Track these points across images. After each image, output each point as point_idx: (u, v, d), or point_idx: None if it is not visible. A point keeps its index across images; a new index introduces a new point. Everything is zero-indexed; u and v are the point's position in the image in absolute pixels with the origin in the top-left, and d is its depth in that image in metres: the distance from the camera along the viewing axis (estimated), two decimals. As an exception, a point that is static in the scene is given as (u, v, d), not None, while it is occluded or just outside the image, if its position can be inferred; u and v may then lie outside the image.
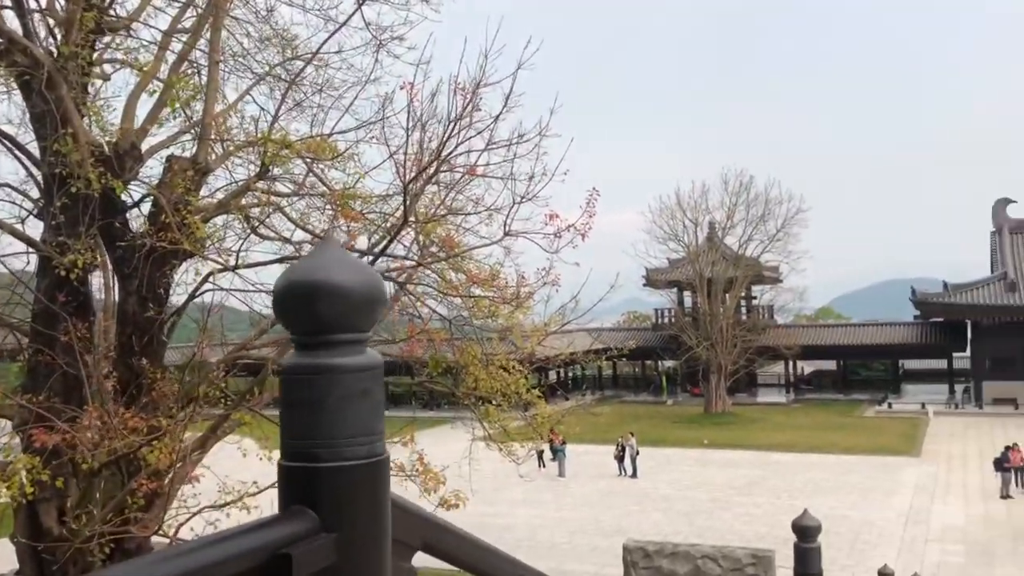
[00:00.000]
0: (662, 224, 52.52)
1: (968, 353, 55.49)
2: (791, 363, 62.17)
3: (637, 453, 33.11)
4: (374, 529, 1.52)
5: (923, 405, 50.94)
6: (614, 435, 35.69)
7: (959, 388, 56.24)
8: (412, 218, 12.58)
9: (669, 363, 64.22)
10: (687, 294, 57.55)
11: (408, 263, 12.62)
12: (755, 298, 59.72)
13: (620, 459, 33.09)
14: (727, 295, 51.47)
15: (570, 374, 64.55)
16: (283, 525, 1.41)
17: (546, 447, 34.50)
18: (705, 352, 50.00)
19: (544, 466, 34.36)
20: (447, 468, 12.07)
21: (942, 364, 59.38)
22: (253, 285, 11.35)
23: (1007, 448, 29.19)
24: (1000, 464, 28.25)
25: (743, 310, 57.91)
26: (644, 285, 57.90)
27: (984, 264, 58.82)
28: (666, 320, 60.60)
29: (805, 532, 6.78)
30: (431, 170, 11.75)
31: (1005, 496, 27.40)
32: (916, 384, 63.87)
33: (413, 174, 11.36)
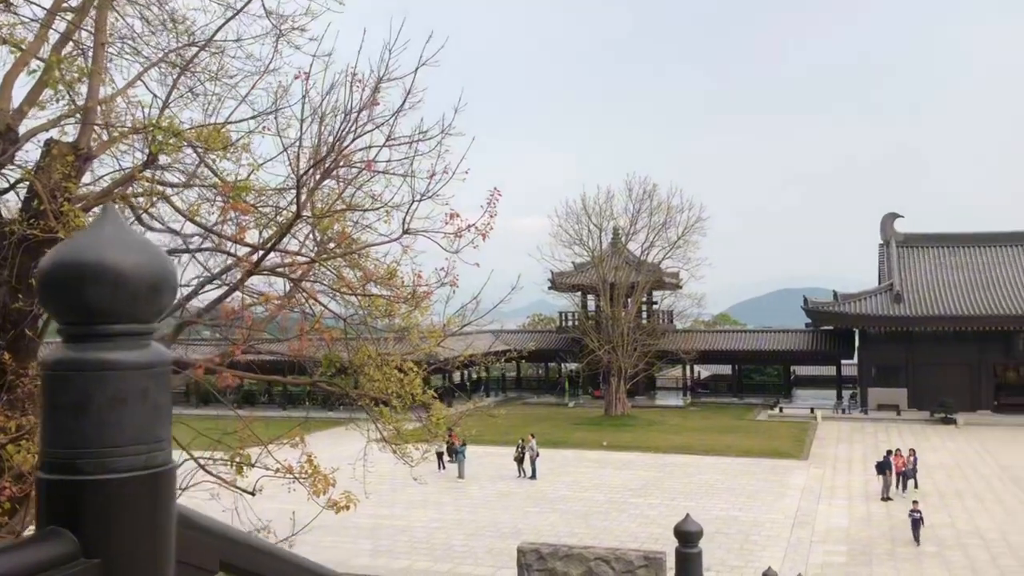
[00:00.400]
0: (568, 228, 53.14)
1: (855, 361, 57.83)
2: (689, 367, 63.63)
3: (537, 455, 33.24)
4: (150, 552, 1.32)
5: (812, 410, 52.81)
6: (516, 437, 35.78)
7: (846, 394, 58.57)
8: (307, 212, 12.27)
9: (572, 366, 64.89)
10: (591, 298, 58.23)
11: (301, 259, 12.29)
12: (656, 303, 60.91)
13: (520, 461, 33.17)
14: (629, 300, 52.28)
15: (474, 375, 64.50)
16: (34, 550, 1.20)
17: (447, 449, 34.34)
18: (606, 355, 50.67)
19: (444, 468, 34.18)
20: (337, 471, 11.79)
21: (831, 371, 61.79)
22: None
23: (889, 452, 30.46)
24: (882, 468, 29.41)
25: (644, 315, 58.97)
26: (549, 288, 58.36)
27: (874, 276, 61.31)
28: (570, 323, 61.20)
29: (687, 537, 6.83)
30: (327, 164, 11.49)
31: (886, 498, 28.54)
32: (806, 389, 66.29)
33: (307, 167, 11.08)
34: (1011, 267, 55.18)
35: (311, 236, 12.94)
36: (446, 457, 34.27)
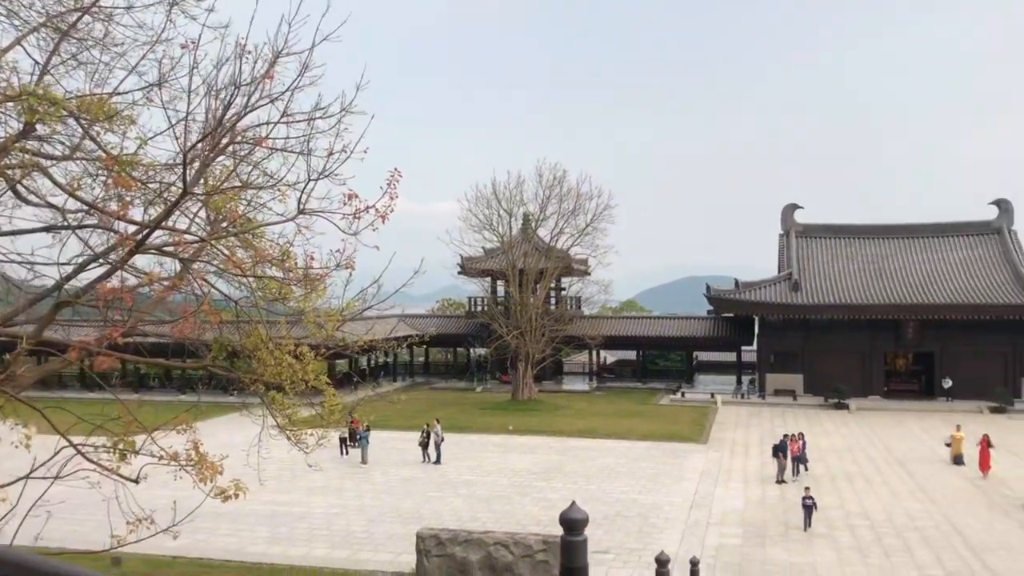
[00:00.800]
0: (478, 213, 52.93)
1: (755, 347, 59.46)
2: (595, 353, 64.40)
3: (442, 439, 33.10)
4: None
5: (713, 395, 54.18)
6: (421, 421, 35.56)
7: (746, 379, 60.27)
8: (198, 190, 11.79)
9: (480, 351, 64.91)
10: (500, 283, 58.24)
11: (190, 238, 11.79)
12: (564, 289, 61.35)
13: (425, 446, 32.96)
14: (538, 286, 52.47)
15: (381, 360, 63.87)
16: None
17: (349, 434, 33.87)
18: (514, 340, 50.80)
19: (347, 453, 33.73)
20: (226, 458, 11.39)
21: (732, 357, 63.41)
22: (6, 255, 10.26)
23: (785, 436, 31.38)
24: (777, 451, 30.29)
25: (553, 300, 59.35)
26: (459, 273, 58.13)
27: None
28: (479, 308, 61.12)
29: (572, 525, 6.77)
30: (217, 138, 11.02)
31: (780, 481, 29.43)
32: (708, 375, 67.95)
33: (196, 141, 10.60)
34: (902, 258, 57.57)
35: (206, 216, 12.44)
36: (349, 442, 33.83)
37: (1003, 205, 59.39)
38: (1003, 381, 51.08)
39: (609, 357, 73.06)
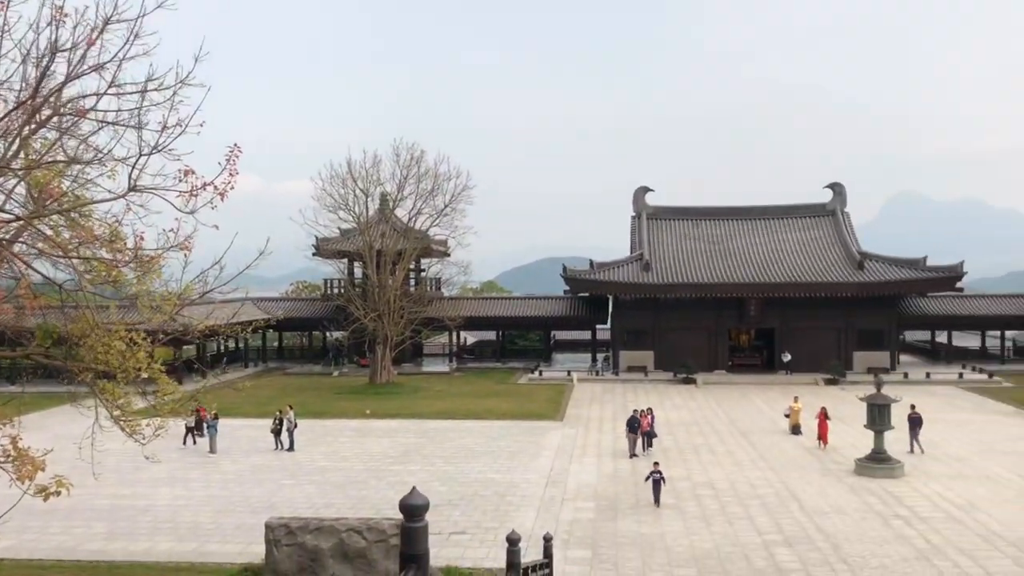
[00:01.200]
0: (333, 193, 51.67)
1: (609, 325, 61.04)
2: (456, 334, 64.52)
3: (295, 426, 32.30)
4: None
5: (569, 372, 55.30)
6: (274, 408, 34.56)
7: (600, 357, 61.83)
8: (15, 164, 10.94)
9: (337, 334, 63.76)
10: (358, 265, 57.25)
11: (6, 216, 10.93)
12: (424, 271, 61.02)
13: (277, 432, 32.06)
14: (396, 267, 51.90)
15: (231, 345, 61.71)
16: None
17: (195, 423, 32.58)
18: (372, 323, 50.14)
19: (194, 443, 32.44)
20: (50, 452, 10.63)
21: (588, 335, 64.91)
22: None
23: (635, 411, 32.31)
24: (630, 426, 31.14)
25: (412, 282, 58.92)
26: (314, 255, 56.74)
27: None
28: (336, 290, 59.95)
29: (412, 511, 6.63)
30: (34, 108, 10.22)
31: (633, 456, 30.29)
32: (565, 353, 69.30)
33: (9, 110, 9.80)
34: (745, 239, 60.32)
35: (26, 192, 11.58)
36: (196, 432, 32.54)
37: (836, 189, 63.11)
38: (837, 355, 54.52)
39: (470, 338, 73.39)
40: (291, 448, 31.73)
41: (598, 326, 63.16)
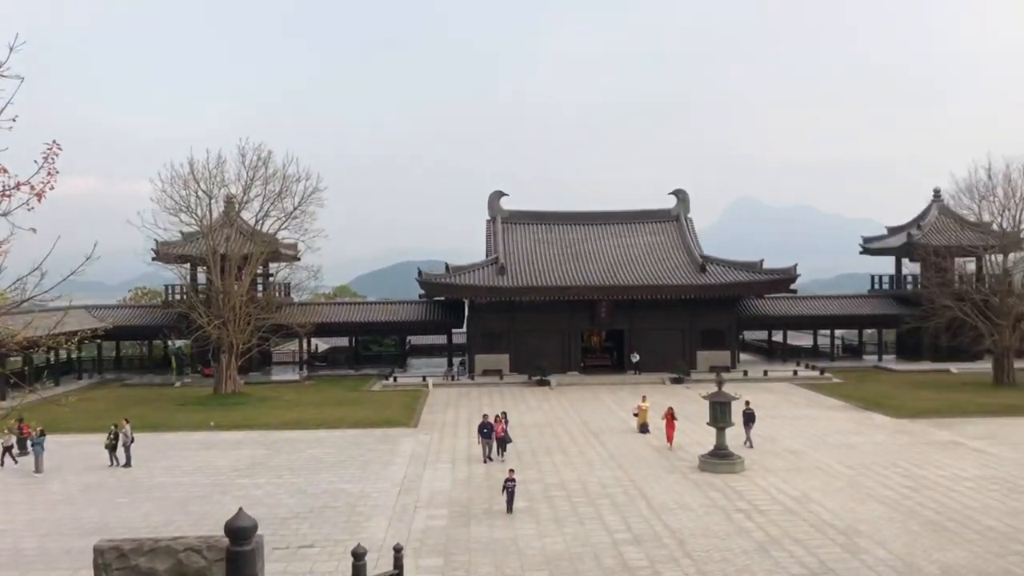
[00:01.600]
0: (173, 194, 49.10)
1: (465, 329, 61.02)
2: (307, 341, 62.84)
3: (132, 440, 30.46)
4: None
5: (424, 378, 54.89)
6: (109, 422, 32.51)
7: (456, 361, 61.72)
8: None
9: (180, 343, 60.87)
10: (201, 270, 54.74)
11: None
12: (272, 275, 59.13)
13: (112, 448, 30.13)
14: (242, 272, 49.96)
15: (63, 355, 57.78)
16: None
17: (16, 441, 30.37)
18: (216, 331, 48.09)
19: (16, 462, 30.10)
20: None
21: (444, 339, 64.67)
22: None
23: (485, 416, 32.26)
24: (483, 431, 31.05)
25: (259, 287, 56.96)
26: (153, 259, 53.88)
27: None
28: (177, 297, 57.15)
29: (238, 534, 6.17)
30: None
31: (487, 460, 30.22)
32: (421, 358, 68.82)
33: None
34: (596, 243, 61.71)
35: None
36: (15, 450, 30.24)
37: (680, 195, 65.50)
38: (682, 354, 56.52)
39: (322, 345, 71.70)
40: (127, 464, 29.91)
41: (454, 330, 63.06)
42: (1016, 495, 24.78)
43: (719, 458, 28.72)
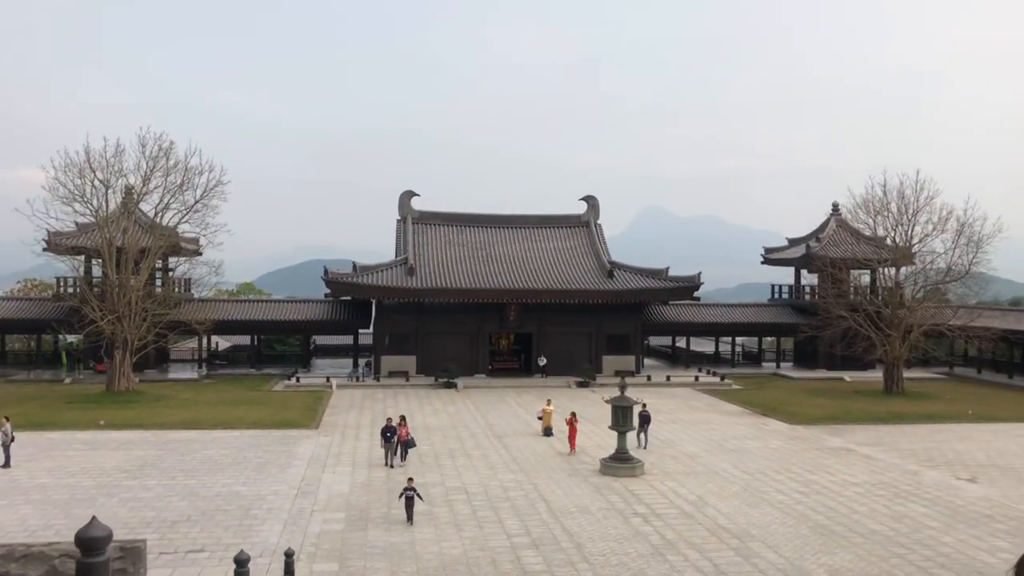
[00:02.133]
0: (67, 183, 46.92)
1: (371, 330, 60.21)
2: (208, 338, 61.00)
3: (12, 439, 28.91)
4: None
5: (328, 379, 53.92)
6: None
7: (362, 362, 60.81)
8: None
9: (71, 338, 58.25)
10: (96, 263, 52.50)
11: None
12: (172, 270, 57.18)
13: (-10, 448, 28.56)
14: (140, 266, 48.12)
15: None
16: None
17: None
18: (110, 326, 46.20)
19: None
20: None
21: (350, 340, 63.63)
22: None
23: (388, 420, 31.74)
24: (386, 435, 30.52)
25: (158, 282, 55.02)
26: (45, 250, 51.41)
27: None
28: (70, 290, 54.74)
29: (90, 544, 5.76)
30: None
31: (388, 465, 29.71)
32: (326, 359, 67.59)
33: None
34: (507, 246, 61.77)
35: None
36: None
37: (591, 201, 66.16)
38: (588, 358, 57.06)
39: (223, 343, 69.74)
40: (6, 464, 28.37)
41: (361, 330, 62.10)
42: (900, 500, 25.73)
43: (620, 462, 28.97)
